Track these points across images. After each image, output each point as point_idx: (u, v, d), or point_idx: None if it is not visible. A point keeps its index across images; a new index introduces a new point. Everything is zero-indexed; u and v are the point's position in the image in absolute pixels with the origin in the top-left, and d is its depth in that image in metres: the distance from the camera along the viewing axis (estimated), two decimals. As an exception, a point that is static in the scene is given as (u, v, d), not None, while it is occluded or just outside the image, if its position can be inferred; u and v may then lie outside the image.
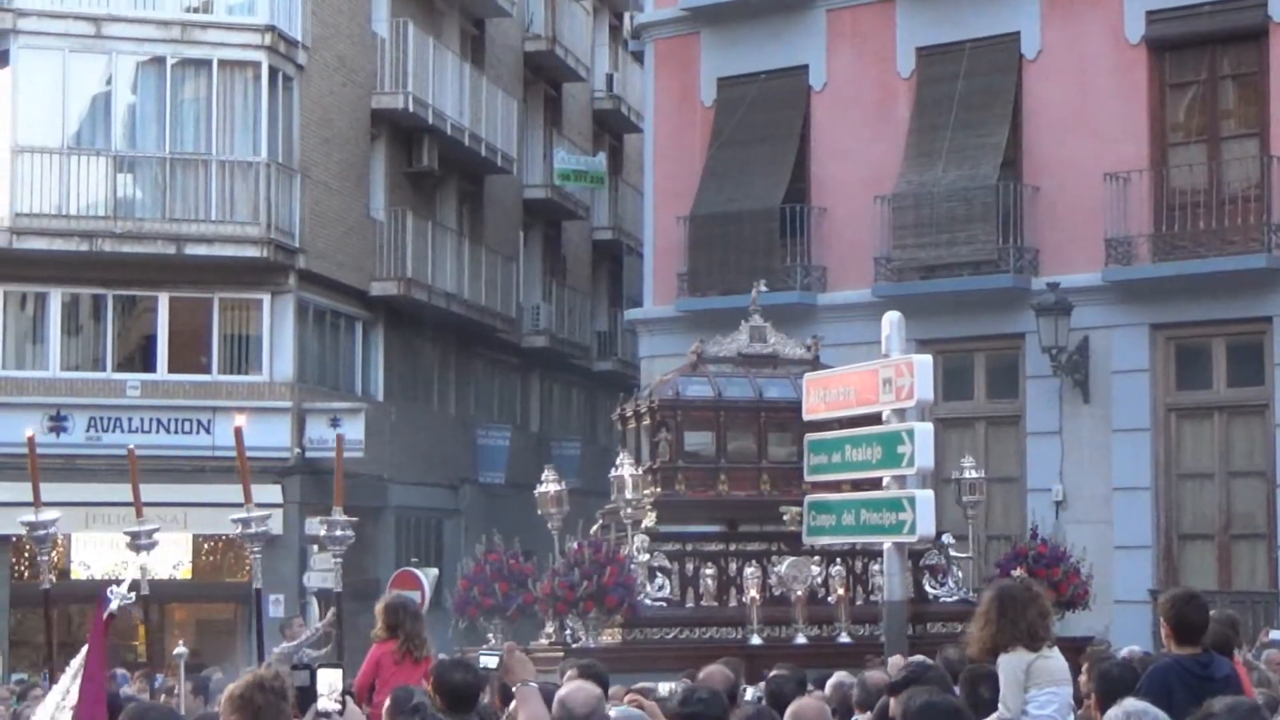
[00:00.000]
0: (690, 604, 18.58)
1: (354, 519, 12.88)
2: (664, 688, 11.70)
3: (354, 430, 31.81)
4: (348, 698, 7.05)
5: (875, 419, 17.99)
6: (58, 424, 30.15)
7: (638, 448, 19.53)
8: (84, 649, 9.91)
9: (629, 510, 18.41)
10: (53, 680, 11.64)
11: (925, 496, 16.07)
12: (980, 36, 27.97)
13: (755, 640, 17.72)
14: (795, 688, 11.12)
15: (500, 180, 40.63)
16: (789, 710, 8.81)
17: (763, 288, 21.57)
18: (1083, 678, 10.73)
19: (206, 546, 32.16)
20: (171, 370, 31.30)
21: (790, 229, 28.79)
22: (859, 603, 18.88)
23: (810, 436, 18.40)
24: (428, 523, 36.93)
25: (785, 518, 18.76)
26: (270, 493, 30.97)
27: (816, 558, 18.91)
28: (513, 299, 40.48)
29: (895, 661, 11.77)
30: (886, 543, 16.50)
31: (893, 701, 9.26)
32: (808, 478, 18.52)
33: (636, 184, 40.98)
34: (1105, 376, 26.41)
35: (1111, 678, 9.55)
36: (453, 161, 37.68)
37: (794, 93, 29.58)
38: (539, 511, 19.39)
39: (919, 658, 11.04)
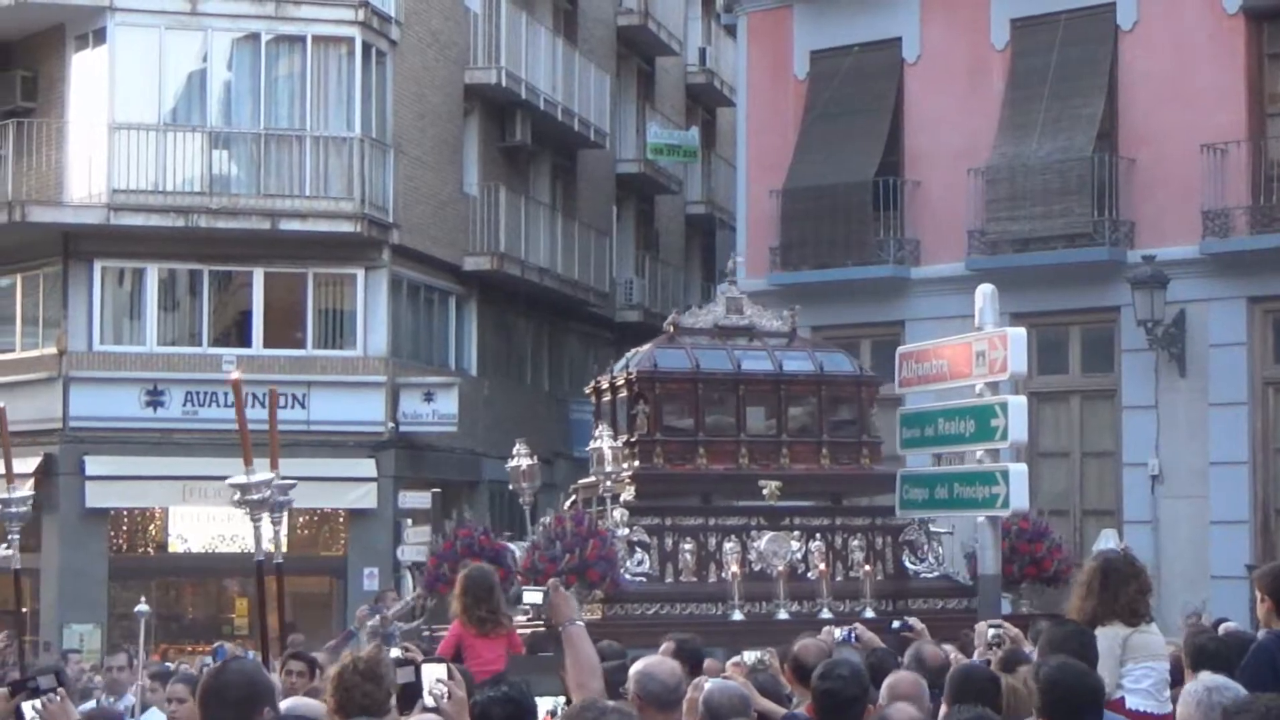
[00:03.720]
0: (669, 579, 18.14)
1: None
2: (749, 656, 11.68)
3: (448, 405, 31.99)
4: (450, 683, 7.05)
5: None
6: (155, 399, 30.43)
7: (614, 420, 19.09)
8: None
9: (608, 484, 17.98)
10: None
11: (1019, 470, 15.99)
12: (1075, 7, 27.74)
13: (736, 616, 17.38)
14: (895, 663, 11.08)
15: (593, 155, 40.66)
16: (885, 683, 8.80)
17: (740, 259, 21.31)
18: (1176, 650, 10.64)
19: (302, 520, 32.36)
20: (267, 345, 31.45)
21: (883, 202, 28.68)
22: (839, 578, 18.44)
23: (902, 410, 18.36)
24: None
25: (765, 491, 18.54)
26: (364, 467, 31.23)
27: (796, 533, 18.60)
28: (606, 273, 40.50)
29: (981, 629, 11.72)
30: (980, 516, 16.44)
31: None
32: (900, 450, 18.46)
33: (729, 158, 40.93)
34: (1202, 350, 26.18)
35: (1207, 652, 9.47)
36: (546, 136, 37.73)
37: (887, 65, 29.46)
38: (510, 486, 19.14)
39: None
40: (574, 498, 19.46)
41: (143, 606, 18.05)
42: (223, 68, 31.63)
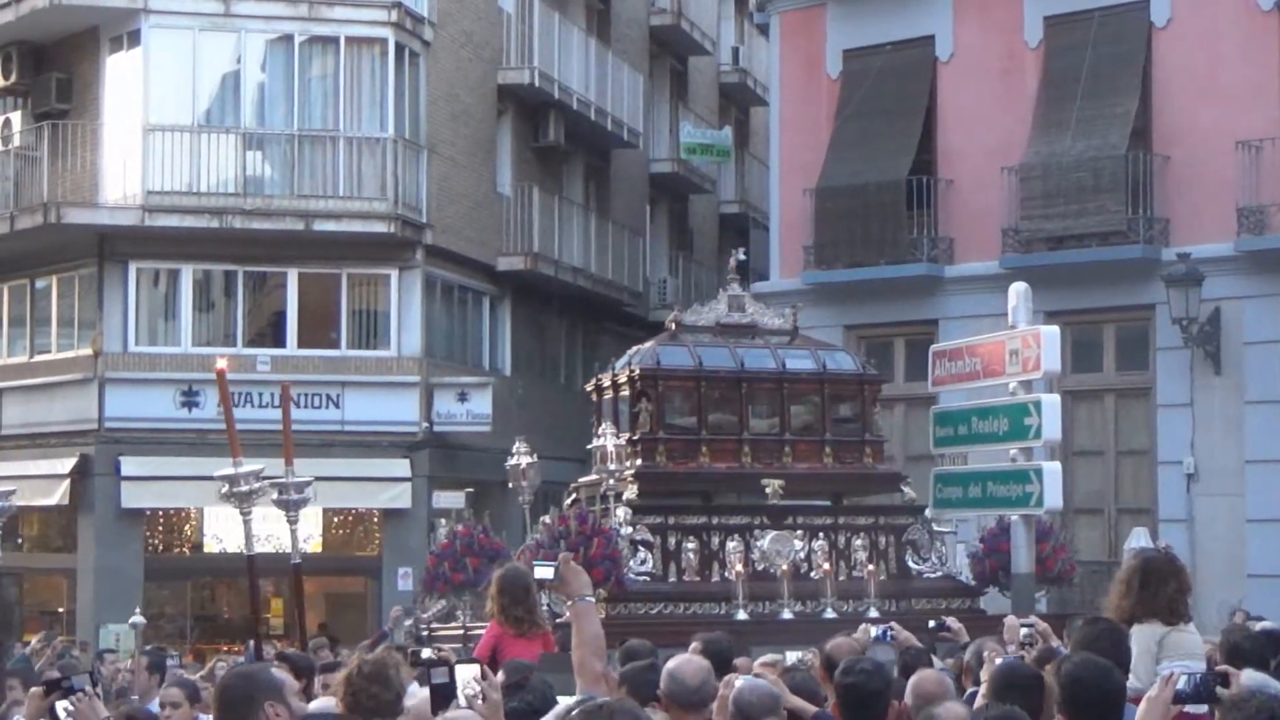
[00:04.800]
0: (672, 578, 18.04)
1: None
2: (791, 656, 11.67)
3: (481, 404, 32.01)
4: (485, 684, 7.06)
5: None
6: (190, 399, 30.49)
7: (615, 418, 18.99)
8: None
9: (610, 482, 17.84)
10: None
11: (1053, 468, 15.99)
12: (1109, 5, 27.68)
13: (741, 615, 17.22)
14: (928, 663, 11.07)
15: (626, 154, 40.65)
16: (910, 681, 8.79)
17: (741, 256, 21.35)
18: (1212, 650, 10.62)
19: (336, 520, 32.43)
20: (301, 346, 31.50)
21: (917, 201, 28.64)
22: (842, 578, 18.32)
23: (936, 408, 18.36)
24: (555, 496, 37.00)
25: (767, 490, 18.46)
26: (399, 467, 31.26)
27: (799, 532, 18.52)
28: (639, 273, 40.50)
29: (1011, 623, 11.70)
30: (1014, 515, 16.43)
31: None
32: (933, 449, 18.46)
33: (763, 157, 40.89)
34: (1237, 348, 26.10)
35: (1243, 651, 9.45)
36: (579, 136, 37.74)
37: (920, 64, 29.42)
38: (509, 485, 19.03)
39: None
40: (575, 496, 19.40)
41: (137, 618, 18.09)
42: (256, 69, 31.70)
